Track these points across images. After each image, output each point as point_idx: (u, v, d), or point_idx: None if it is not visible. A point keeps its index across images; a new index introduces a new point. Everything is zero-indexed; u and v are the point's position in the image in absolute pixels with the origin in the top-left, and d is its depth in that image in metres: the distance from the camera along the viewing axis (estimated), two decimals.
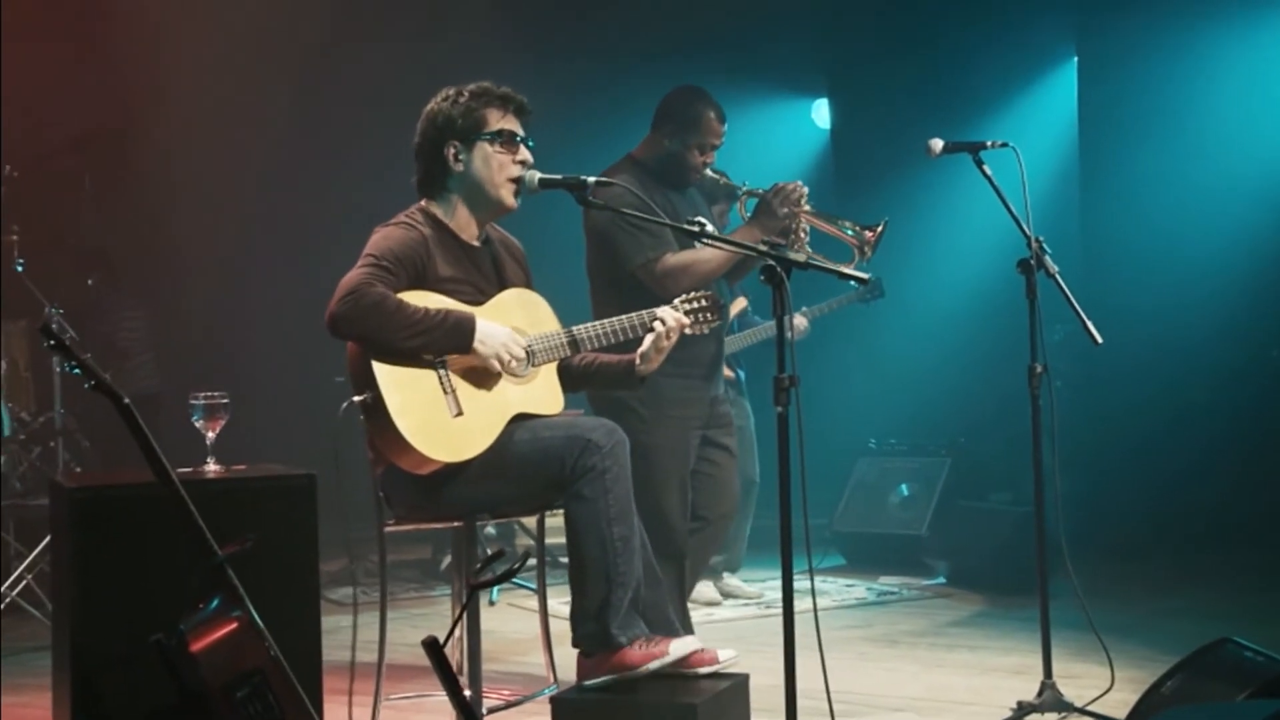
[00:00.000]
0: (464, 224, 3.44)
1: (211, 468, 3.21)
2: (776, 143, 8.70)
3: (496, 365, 3.26)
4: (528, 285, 3.61)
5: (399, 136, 3.52)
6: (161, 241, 7.20)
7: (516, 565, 2.51)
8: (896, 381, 7.81)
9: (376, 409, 3.15)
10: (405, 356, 3.18)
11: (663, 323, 3.44)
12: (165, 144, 7.07)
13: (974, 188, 4.07)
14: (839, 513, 6.93)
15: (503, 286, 3.49)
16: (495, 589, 5.90)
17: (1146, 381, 6.70)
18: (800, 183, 4.05)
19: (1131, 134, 6.92)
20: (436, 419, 3.19)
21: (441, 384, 3.23)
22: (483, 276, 3.44)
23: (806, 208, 4.02)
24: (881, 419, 7.51)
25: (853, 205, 8.31)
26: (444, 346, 3.21)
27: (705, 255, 3.99)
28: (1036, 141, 7.34)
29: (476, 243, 3.47)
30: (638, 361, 3.52)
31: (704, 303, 3.60)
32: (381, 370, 3.16)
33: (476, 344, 3.22)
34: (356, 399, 3.17)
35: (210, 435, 3.19)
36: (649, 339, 3.46)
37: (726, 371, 4.77)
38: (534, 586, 4.17)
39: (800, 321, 5.91)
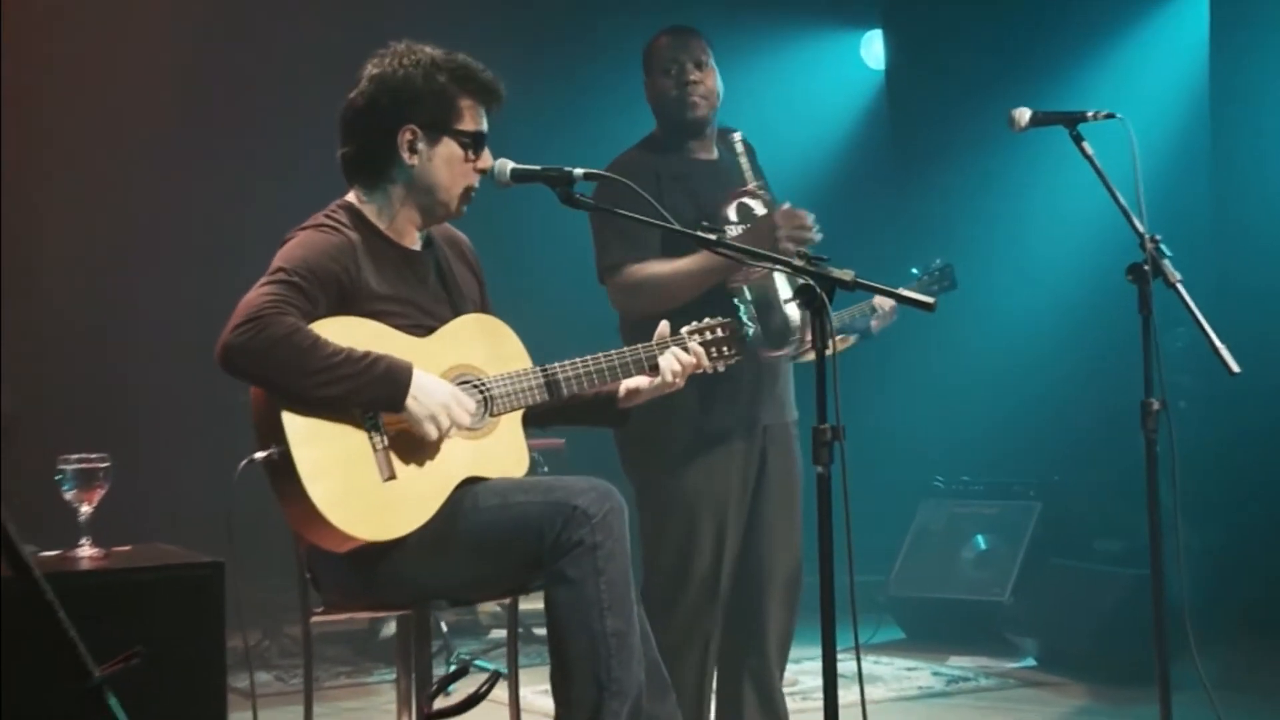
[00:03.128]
0: (402, 228, 3.46)
1: (86, 552, 3.21)
2: (817, 86, 8.76)
3: (430, 431, 3.25)
4: (481, 293, 3.65)
5: (330, 112, 3.51)
6: (17, 230, 7.18)
7: (484, 689, 2.54)
8: (972, 403, 7.82)
9: (284, 470, 3.14)
10: (318, 407, 3.18)
11: (671, 364, 3.51)
12: (24, 110, 7.06)
13: (1072, 159, 4.09)
14: (896, 571, 6.97)
15: (452, 301, 3.51)
16: (455, 656, 5.96)
17: None
18: (813, 220, 4.10)
19: None
20: (360, 484, 3.19)
21: (370, 439, 3.23)
22: (426, 292, 3.46)
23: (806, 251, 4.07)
24: (952, 450, 7.54)
25: (913, 173, 8.35)
26: (367, 400, 3.21)
27: (686, 267, 4.07)
28: (1152, 99, 7.32)
29: (417, 246, 3.49)
30: (621, 393, 3.56)
31: (721, 333, 3.63)
32: (293, 420, 3.15)
33: (409, 400, 3.22)
34: (259, 456, 3.16)
35: (85, 509, 3.20)
36: (648, 380, 3.54)
37: None
38: (504, 670, 4.20)
39: (887, 302, 5.91)
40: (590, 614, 3.24)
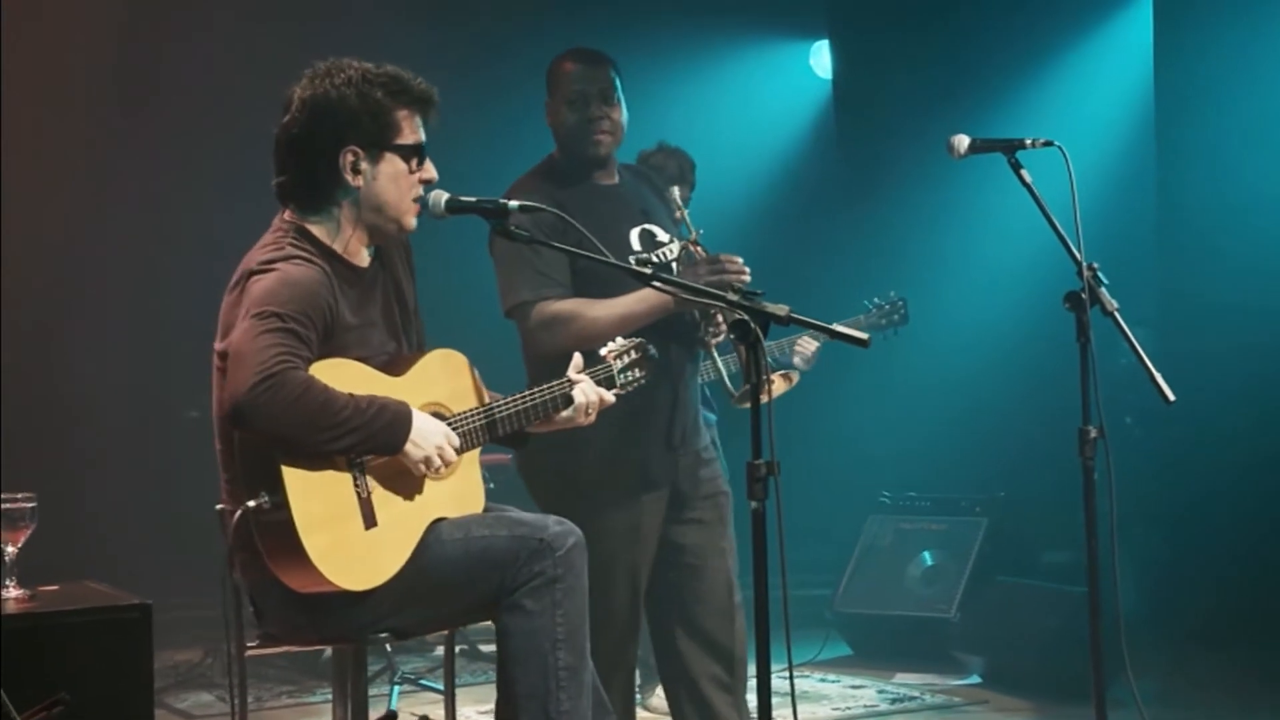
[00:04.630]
0: (354, 248, 3.44)
1: (11, 594, 3.21)
2: (767, 96, 8.78)
3: (423, 470, 3.29)
4: (413, 288, 3.63)
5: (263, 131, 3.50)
6: None
7: None
8: (918, 419, 7.86)
9: (276, 519, 3.14)
10: (319, 458, 3.18)
11: (583, 395, 3.53)
12: None
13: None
14: (843, 587, 6.98)
15: (404, 311, 3.53)
16: (395, 691, 5.94)
17: (1240, 417, 6.75)
18: (743, 264, 4.04)
19: (1231, 107, 6.85)
20: (348, 535, 3.22)
21: (356, 488, 3.25)
22: (379, 310, 3.46)
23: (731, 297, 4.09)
24: (898, 466, 7.56)
25: (860, 186, 8.39)
26: (372, 447, 3.23)
27: (599, 311, 4.02)
28: (1099, 114, 7.40)
29: (366, 263, 3.47)
30: None
31: (634, 355, 3.67)
32: (292, 473, 3.15)
33: (409, 445, 3.24)
34: (251, 504, 3.15)
35: (10, 550, 3.19)
36: (564, 414, 3.54)
37: None
38: (440, 688, 4.20)
39: (810, 345, 5.95)
40: (544, 646, 3.28)
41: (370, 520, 3.24)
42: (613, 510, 4.11)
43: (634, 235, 4.21)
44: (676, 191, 4.36)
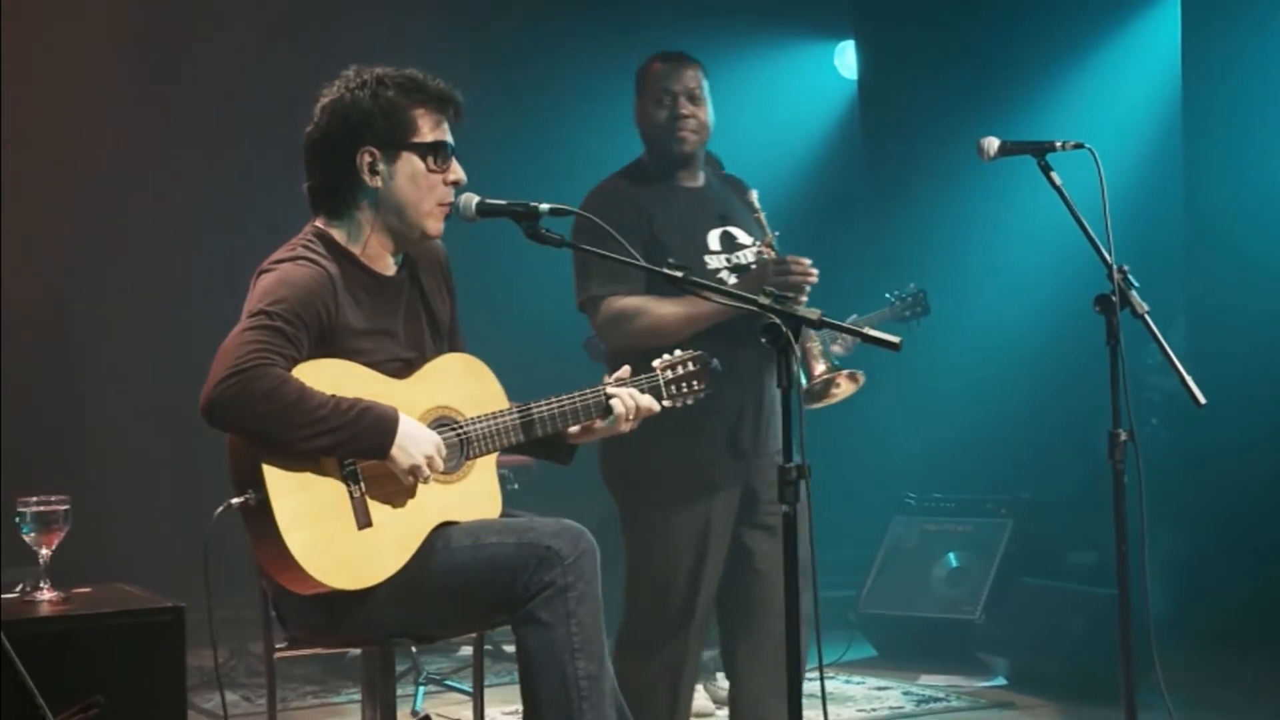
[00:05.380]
0: (375, 253, 3.44)
1: (45, 595, 3.22)
2: (790, 97, 8.77)
3: (411, 480, 3.28)
4: (452, 310, 3.64)
5: (291, 141, 3.52)
6: None
7: None
8: (944, 420, 7.85)
9: (260, 516, 3.16)
10: (302, 457, 3.19)
11: (620, 403, 3.52)
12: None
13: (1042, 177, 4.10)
14: (868, 588, 6.98)
15: (426, 327, 3.52)
16: (420, 692, 5.95)
17: (1266, 419, 6.73)
18: (810, 266, 4.09)
19: (1260, 109, 6.84)
20: (337, 533, 3.22)
21: (348, 487, 3.25)
22: (400, 320, 3.45)
23: (802, 299, 4.08)
24: (923, 467, 7.55)
25: (886, 185, 8.38)
26: (353, 450, 3.22)
27: (667, 308, 4.08)
28: (1127, 111, 7.39)
29: (391, 271, 3.47)
30: (573, 430, 3.56)
31: (691, 366, 3.64)
32: (273, 471, 3.16)
33: (394, 450, 3.23)
34: (235, 501, 3.18)
35: (44, 552, 3.21)
36: (600, 420, 3.54)
37: None
38: (469, 689, 4.20)
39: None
40: (562, 656, 3.27)
41: (364, 520, 3.24)
42: (681, 510, 4.17)
43: (714, 237, 4.27)
44: (755, 195, 4.37)
